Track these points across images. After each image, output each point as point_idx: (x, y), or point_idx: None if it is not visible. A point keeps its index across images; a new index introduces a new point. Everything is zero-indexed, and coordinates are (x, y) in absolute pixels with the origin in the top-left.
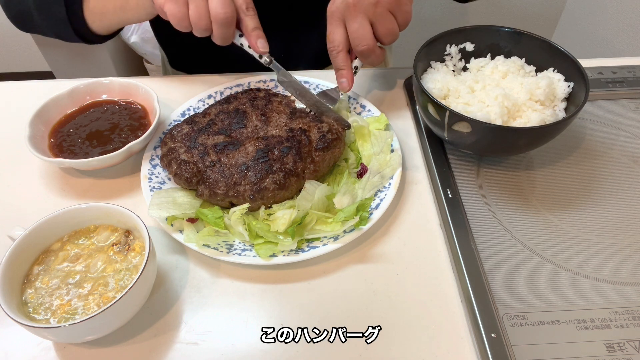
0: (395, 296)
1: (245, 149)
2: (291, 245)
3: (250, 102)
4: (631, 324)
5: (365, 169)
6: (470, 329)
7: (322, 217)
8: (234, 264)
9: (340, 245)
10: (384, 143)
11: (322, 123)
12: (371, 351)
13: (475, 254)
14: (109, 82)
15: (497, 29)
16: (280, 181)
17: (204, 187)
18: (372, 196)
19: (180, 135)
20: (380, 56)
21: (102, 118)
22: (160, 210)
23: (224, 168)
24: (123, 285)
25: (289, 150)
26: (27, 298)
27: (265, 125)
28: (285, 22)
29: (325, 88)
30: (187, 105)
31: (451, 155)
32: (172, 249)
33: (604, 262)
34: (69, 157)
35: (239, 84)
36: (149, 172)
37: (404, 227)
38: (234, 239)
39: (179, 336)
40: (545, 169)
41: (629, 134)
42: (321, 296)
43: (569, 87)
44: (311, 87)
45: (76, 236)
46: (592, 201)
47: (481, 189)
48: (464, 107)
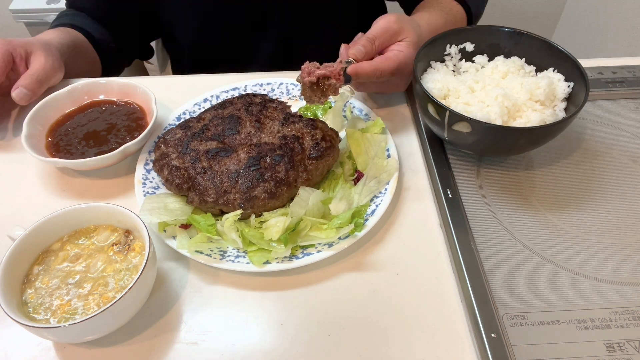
0: (395, 296)
1: (237, 155)
2: (284, 253)
3: (246, 107)
4: (631, 324)
5: (361, 174)
6: (470, 329)
7: (316, 224)
8: (227, 270)
9: (334, 253)
10: (378, 147)
11: (316, 129)
12: (371, 351)
13: (475, 254)
14: (108, 82)
15: (497, 29)
16: (271, 190)
17: (194, 194)
18: (368, 202)
19: (173, 140)
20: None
21: (100, 118)
22: (151, 215)
23: (214, 175)
24: (123, 285)
25: (281, 159)
26: (27, 298)
27: (259, 132)
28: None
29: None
30: (183, 109)
31: (451, 155)
32: (172, 249)
33: (604, 262)
34: (65, 157)
35: (235, 87)
36: (142, 177)
37: (404, 227)
38: (227, 245)
39: (179, 336)
40: (545, 169)
41: (629, 134)
42: (321, 296)
43: (569, 87)
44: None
45: (76, 236)
46: (592, 201)
47: (481, 189)
48: (464, 107)
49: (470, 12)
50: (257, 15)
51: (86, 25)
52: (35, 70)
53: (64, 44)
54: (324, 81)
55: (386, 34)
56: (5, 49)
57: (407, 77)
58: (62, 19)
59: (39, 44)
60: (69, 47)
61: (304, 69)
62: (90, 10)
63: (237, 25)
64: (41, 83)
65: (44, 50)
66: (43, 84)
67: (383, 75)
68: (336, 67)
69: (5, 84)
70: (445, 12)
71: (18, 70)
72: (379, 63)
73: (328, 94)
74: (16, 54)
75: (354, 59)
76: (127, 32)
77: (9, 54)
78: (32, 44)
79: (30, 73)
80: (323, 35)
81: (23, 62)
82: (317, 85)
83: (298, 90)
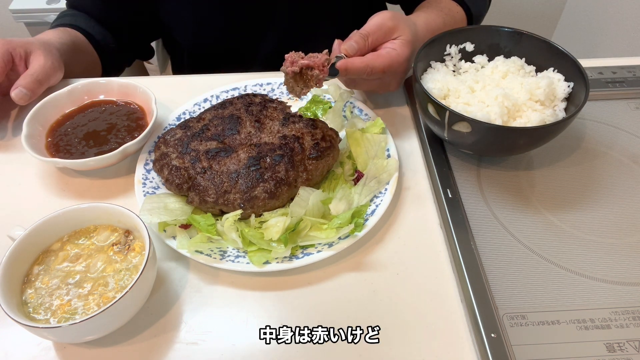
0: (396, 296)
1: (237, 155)
2: (284, 253)
3: (246, 107)
4: (631, 324)
5: (361, 174)
6: (470, 329)
7: (316, 224)
8: (227, 270)
9: (334, 253)
10: (377, 147)
11: (315, 129)
12: (371, 351)
13: (475, 254)
14: (108, 82)
15: (497, 29)
16: (271, 190)
17: (194, 194)
18: (368, 202)
19: (173, 140)
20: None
21: (100, 118)
22: (151, 215)
23: (214, 175)
24: (123, 285)
25: (281, 159)
26: (27, 298)
27: (259, 132)
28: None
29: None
30: (183, 109)
31: (451, 155)
32: (172, 249)
33: (604, 262)
34: (65, 157)
35: (235, 87)
36: (143, 177)
37: (404, 227)
38: (227, 245)
39: (179, 336)
40: (545, 169)
41: (629, 134)
42: (321, 296)
43: (569, 87)
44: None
45: (76, 236)
46: (592, 201)
47: (481, 189)
48: (464, 107)
49: (470, 12)
50: (257, 15)
51: (87, 26)
52: (35, 70)
53: (64, 43)
54: (307, 72)
55: (380, 31)
56: (4, 48)
57: (400, 77)
58: (62, 19)
59: (39, 44)
60: (68, 47)
61: (288, 58)
62: (91, 11)
63: (236, 26)
64: (40, 83)
65: (44, 50)
66: (42, 84)
67: (374, 72)
68: (320, 57)
69: (5, 84)
70: (444, 12)
71: (18, 70)
72: (370, 60)
73: (310, 84)
74: (15, 53)
75: (345, 55)
76: (127, 32)
77: (9, 54)
78: (32, 43)
79: (29, 73)
80: (323, 36)
81: (23, 62)
82: (300, 76)
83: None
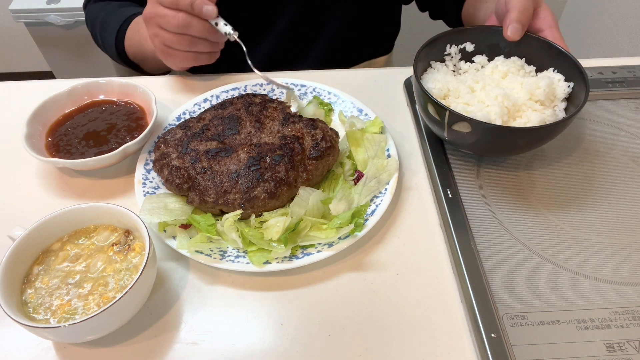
0: (395, 296)
1: (237, 155)
2: (284, 253)
3: (246, 107)
4: (631, 324)
5: (361, 174)
6: (470, 329)
7: (316, 224)
8: (227, 270)
9: (334, 253)
10: (377, 146)
11: (316, 129)
12: (371, 351)
13: (475, 254)
14: (107, 82)
15: (497, 29)
16: (271, 190)
17: (194, 194)
18: (368, 202)
19: (173, 140)
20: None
21: (100, 118)
22: (151, 216)
23: (214, 175)
24: (123, 285)
25: (281, 159)
26: (27, 298)
27: (259, 132)
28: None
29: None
30: (183, 109)
31: (451, 155)
32: (172, 249)
33: (604, 262)
34: (65, 157)
35: (235, 87)
36: (143, 177)
37: (404, 227)
38: (227, 245)
39: (179, 336)
40: (545, 169)
41: (629, 134)
42: (321, 296)
43: (569, 87)
44: (307, 90)
45: (76, 236)
46: (592, 201)
47: (481, 189)
48: (464, 107)
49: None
50: (257, 16)
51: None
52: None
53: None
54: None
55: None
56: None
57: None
58: (124, 10)
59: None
60: None
61: None
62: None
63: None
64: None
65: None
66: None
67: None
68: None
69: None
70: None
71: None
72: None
73: None
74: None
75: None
76: None
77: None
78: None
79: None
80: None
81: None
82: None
83: (298, 90)
